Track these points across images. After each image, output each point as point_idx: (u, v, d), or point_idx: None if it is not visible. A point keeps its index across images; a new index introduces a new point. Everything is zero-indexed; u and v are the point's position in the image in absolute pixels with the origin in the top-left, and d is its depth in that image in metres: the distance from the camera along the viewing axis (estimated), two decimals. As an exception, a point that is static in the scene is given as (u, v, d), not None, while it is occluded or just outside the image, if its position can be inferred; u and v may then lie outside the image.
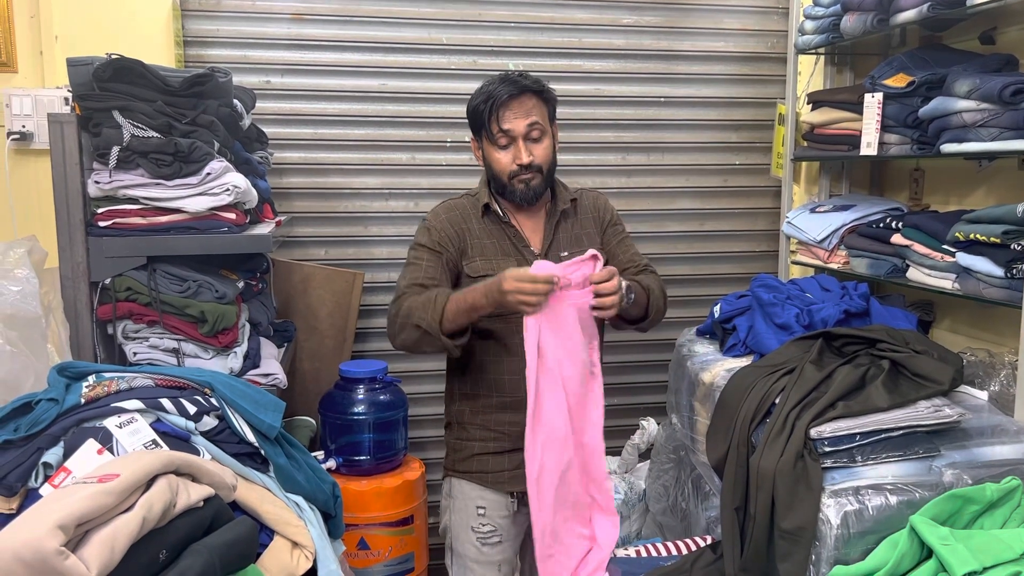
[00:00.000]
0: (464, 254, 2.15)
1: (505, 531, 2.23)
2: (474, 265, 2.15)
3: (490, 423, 2.20)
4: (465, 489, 2.24)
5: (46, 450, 1.49)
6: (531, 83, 2.11)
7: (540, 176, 2.13)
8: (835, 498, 1.87)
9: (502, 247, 2.17)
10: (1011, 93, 2.16)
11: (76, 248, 2.16)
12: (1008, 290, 2.16)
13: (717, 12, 3.43)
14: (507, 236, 2.18)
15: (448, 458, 2.31)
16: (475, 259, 2.15)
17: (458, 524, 2.25)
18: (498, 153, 2.13)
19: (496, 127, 2.10)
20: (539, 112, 2.11)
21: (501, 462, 2.21)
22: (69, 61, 2.14)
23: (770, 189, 3.53)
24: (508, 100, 2.07)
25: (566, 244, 2.21)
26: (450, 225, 2.16)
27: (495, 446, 2.20)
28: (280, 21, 3.14)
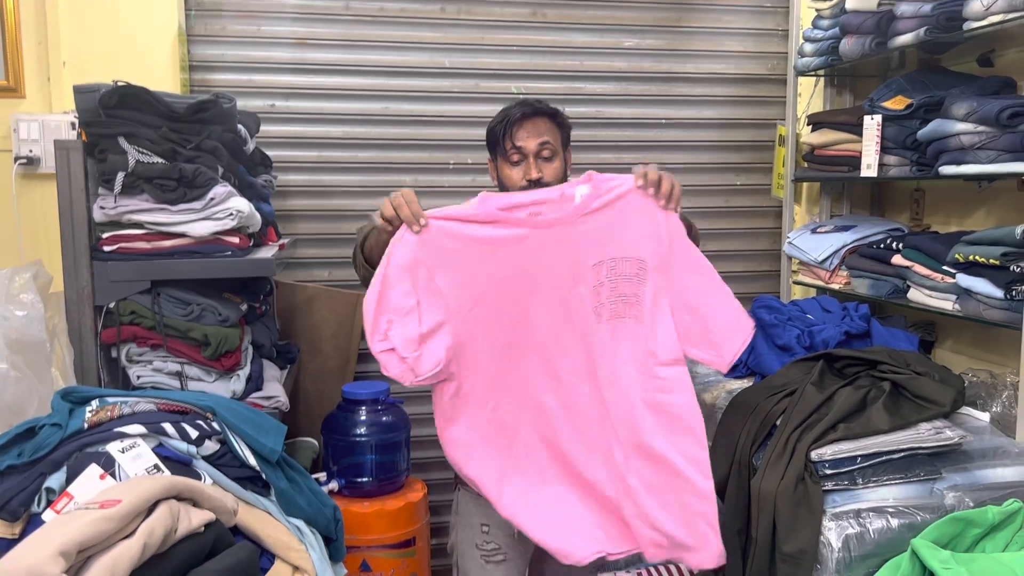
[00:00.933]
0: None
1: (510, 550, 2.22)
2: None
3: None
4: (471, 507, 2.24)
5: (49, 475, 1.50)
6: (545, 107, 2.22)
7: None
8: (836, 521, 1.87)
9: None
10: (1008, 116, 2.17)
11: (81, 272, 2.18)
12: (1008, 312, 2.17)
13: (717, 35, 3.46)
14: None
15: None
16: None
17: (464, 541, 2.26)
18: (510, 170, 2.21)
19: (509, 144, 2.18)
20: (552, 134, 2.20)
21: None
22: (76, 88, 2.17)
23: (771, 209, 3.55)
24: (522, 119, 2.17)
25: None
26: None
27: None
28: (284, 46, 3.17)
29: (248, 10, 3.13)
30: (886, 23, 2.62)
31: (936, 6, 2.39)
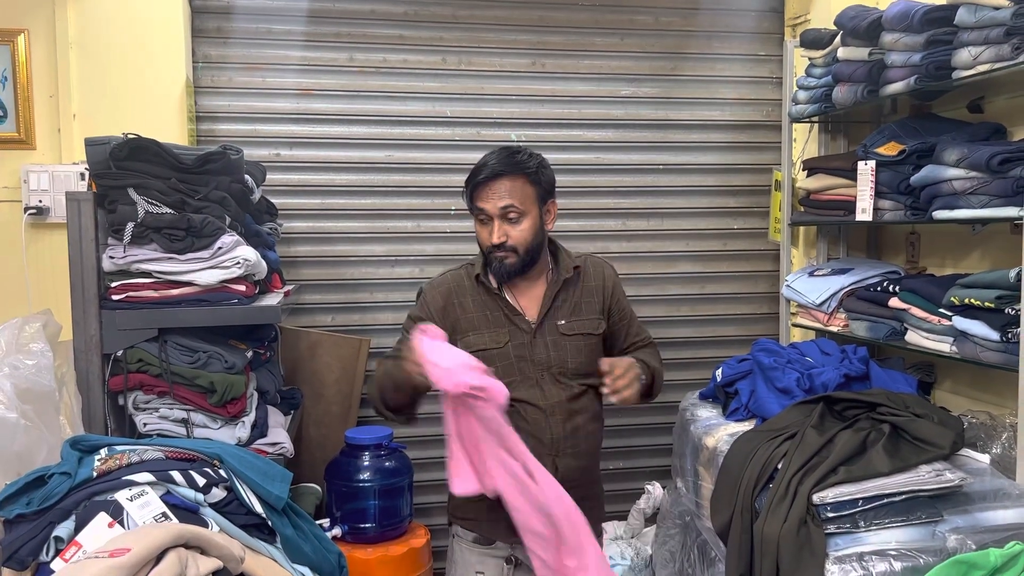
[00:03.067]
0: (456, 329, 2.13)
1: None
2: (467, 340, 2.13)
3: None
4: (465, 554, 2.22)
5: (58, 524, 1.52)
6: (512, 166, 2.11)
7: (515, 256, 2.12)
8: (839, 564, 1.87)
9: (494, 318, 2.16)
10: (999, 162, 2.22)
11: (90, 321, 2.22)
12: (1005, 354, 2.19)
13: (712, 82, 3.54)
14: (499, 306, 2.16)
15: (451, 502, 2.25)
16: (468, 334, 2.14)
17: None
18: (479, 227, 2.15)
19: (472, 207, 2.14)
20: (519, 194, 2.10)
21: (497, 512, 2.06)
22: (87, 141, 2.23)
23: (769, 252, 3.59)
24: (485, 181, 2.09)
25: (565, 313, 2.19)
26: (441, 299, 2.16)
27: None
28: (289, 96, 3.24)
29: (253, 62, 3.21)
30: (877, 72, 2.68)
31: (925, 56, 2.45)
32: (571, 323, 2.16)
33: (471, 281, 2.18)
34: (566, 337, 2.17)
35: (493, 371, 2.02)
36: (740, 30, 3.55)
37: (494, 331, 2.14)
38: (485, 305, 2.16)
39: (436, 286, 2.20)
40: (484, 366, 1.93)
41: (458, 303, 2.16)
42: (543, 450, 2.10)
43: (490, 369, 1.95)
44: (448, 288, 2.18)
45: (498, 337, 2.12)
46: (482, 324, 2.15)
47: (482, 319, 2.15)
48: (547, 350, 2.15)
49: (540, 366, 2.14)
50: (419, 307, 2.19)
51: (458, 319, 2.14)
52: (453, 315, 2.14)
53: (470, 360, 1.91)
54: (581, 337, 2.18)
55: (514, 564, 2.18)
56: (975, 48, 2.27)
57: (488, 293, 2.17)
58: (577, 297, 2.22)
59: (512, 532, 2.07)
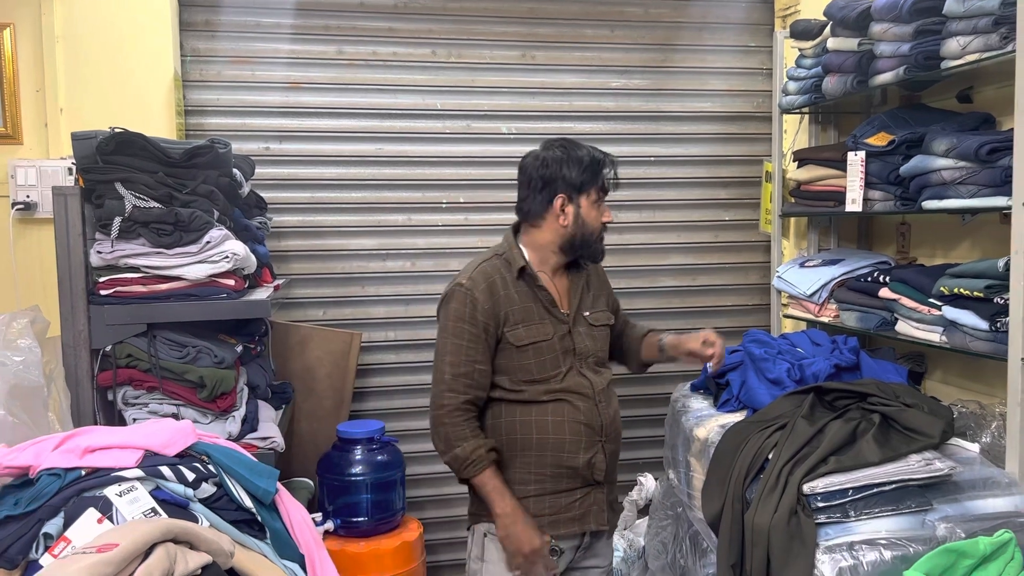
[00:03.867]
0: (506, 322, 2.16)
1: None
2: (517, 333, 2.16)
3: (531, 466, 2.19)
4: (501, 551, 2.17)
5: (47, 521, 1.51)
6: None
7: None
8: (829, 554, 1.88)
9: (537, 311, 2.19)
10: (987, 152, 2.22)
11: (78, 317, 2.21)
12: (994, 343, 2.20)
13: (703, 74, 3.53)
14: (540, 299, 2.20)
15: (481, 503, 2.22)
16: (517, 327, 2.16)
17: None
18: (593, 209, 2.20)
19: (611, 186, 2.24)
20: None
21: (541, 505, 2.19)
22: (74, 135, 2.22)
23: (760, 244, 3.59)
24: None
25: (588, 304, 2.29)
26: (490, 296, 2.15)
27: (535, 488, 2.19)
28: (278, 90, 3.23)
29: (242, 56, 3.19)
30: (867, 62, 2.68)
31: (914, 46, 2.45)
32: (595, 314, 2.29)
33: (510, 274, 2.19)
34: (594, 328, 2.28)
35: (544, 362, 2.17)
36: (730, 21, 3.55)
37: (540, 323, 2.19)
38: (527, 297, 2.20)
39: (479, 282, 2.16)
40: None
41: (504, 296, 2.17)
42: (595, 438, 2.20)
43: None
44: (491, 282, 2.17)
45: (545, 329, 2.18)
46: (528, 317, 2.18)
47: (527, 311, 2.18)
48: (584, 340, 2.24)
49: (580, 356, 2.22)
50: (467, 305, 2.14)
51: (507, 312, 2.16)
52: (502, 309, 2.16)
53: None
54: (604, 327, 2.32)
55: (558, 554, 2.22)
56: (964, 38, 2.27)
57: (529, 286, 2.20)
58: (594, 290, 2.34)
59: (556, 525, 2.19)
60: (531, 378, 2.16)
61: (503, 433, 2.19)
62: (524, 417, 2.17)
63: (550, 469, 2.19)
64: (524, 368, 2.17)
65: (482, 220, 3.40)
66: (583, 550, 2.29)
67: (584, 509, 2.22)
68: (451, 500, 3.39)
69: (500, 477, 2.13)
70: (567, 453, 2.18)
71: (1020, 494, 2.03)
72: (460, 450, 2.11)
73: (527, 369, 2.17)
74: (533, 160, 2.21)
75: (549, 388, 2.17)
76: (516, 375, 2.17)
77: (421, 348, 3.38)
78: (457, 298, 2.15)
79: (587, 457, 2.19)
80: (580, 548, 2.28)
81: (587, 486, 2.22)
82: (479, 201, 3.39)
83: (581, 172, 2.17)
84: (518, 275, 2.19)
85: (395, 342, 3.38)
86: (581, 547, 2.28)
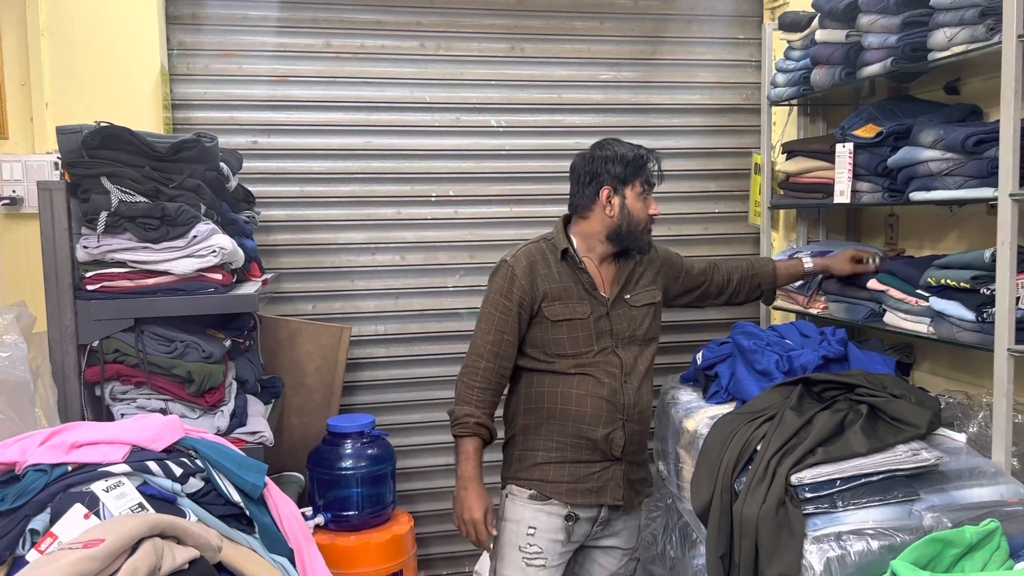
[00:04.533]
0: (544, 298, 2.32)
1: (550, 556, 2.31)
2: (554, 309, 2.32)
3: (554, 434, 2.34)
4: (519, 510, 2.34)
5: (33, 517, 1.50)
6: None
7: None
8: (817, 544, 1.89)
9: (576, 292, 2.35)
10: (974, 143, 2.23)
11: (64, 312, 2.20)
12: (980, 334, 2.21)
13: (692, 66, 3.53)
14: (580, 281, 2.35)
15: (510, 468, 2.42)
16: (554, 303, 2.32)
17: (506, 545, 2.35)
18: (639, 202, 2.35)
19: (657, 180, 2.39)
20: None
21: (561, 472, 2.33)
22: (58, 129, 2.20)
23: (749, 236, 3.60)
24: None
25: (630, 288, 2.42)
26: (530, 272, 2.33)
27: (557, 456, 2.33)
28: (266, 83, 3.21)
29: (229, 49, 3.18)
30: (855, 54, 2.68)
31: (902, 37, 2.45)
32: (636, 296, 2.42)
33: (554, 256, 2.36)
34: (635, 308, 2.40)
35: (577, 339, 2.31)
36: (719, 13, 3.54)
37: (577, 303, 2.34)
38: (568, 278, 2.35)
39: (520, 259, 2.35)
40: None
41: (543, 274, 2.34)
42: (616, 414, 2.33)
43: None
44: (532, 260, 2.35)
45: (582, 308, 2.33)
46: (566, 295, 2.34)
47: (566, 291, 2.34)
48: (621, 321, 2.37)
49: (616, 336, 2.35)
50: (507, 280, 2.32)
51: (546, 289, 2.33)
52: (541, 286, 2.33)
53: None
54: (647, 307, 2.43)
55: (575, 520, 2.34)
56: (951, 29, 2.28)
57: (571, 268, 2.36)
58: (638, 274, 2.46)
59: (573, 494, 2.32)
60: (563, 352, 2.31)
61: (533, 401, 2.35)
62: (552, 388, 2.33)
63: (571, 439, 2.33)
64: (557, 342, 2.32)
65: (472, 213, 3.39)
66: (600, 524, 2.39)
67: (601, 483, 2.34)
68: (442, 494, 3.40)
69: (477, 449, 2.30)
70: (587, 425, 2.31)
71: (1006, 483, 2.05)
72: (458, 409, 2.31)
73: (560, 343, 2.32)
74: (580, 158, 2.41)
75: (579, 363, 2.31)
76: (550, 348, 2.33)
77: (411, 342, 3.37)
78: (500, 273, 2.36)
79: (606, 432, 2.32)
80: (597, 522, 2.38)
81: (606, 460, 2.34)
82: (469, 194, 3.38)
83: (625, 166, 2.34)
84: (561, 257, 2.35)
85: (385, 336, 3.37)
86: (598, 521, 2.38)
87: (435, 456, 3.41)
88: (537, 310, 2.32)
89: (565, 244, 2.36)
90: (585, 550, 2.43)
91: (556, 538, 2.31)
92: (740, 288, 2.71)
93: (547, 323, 2.32)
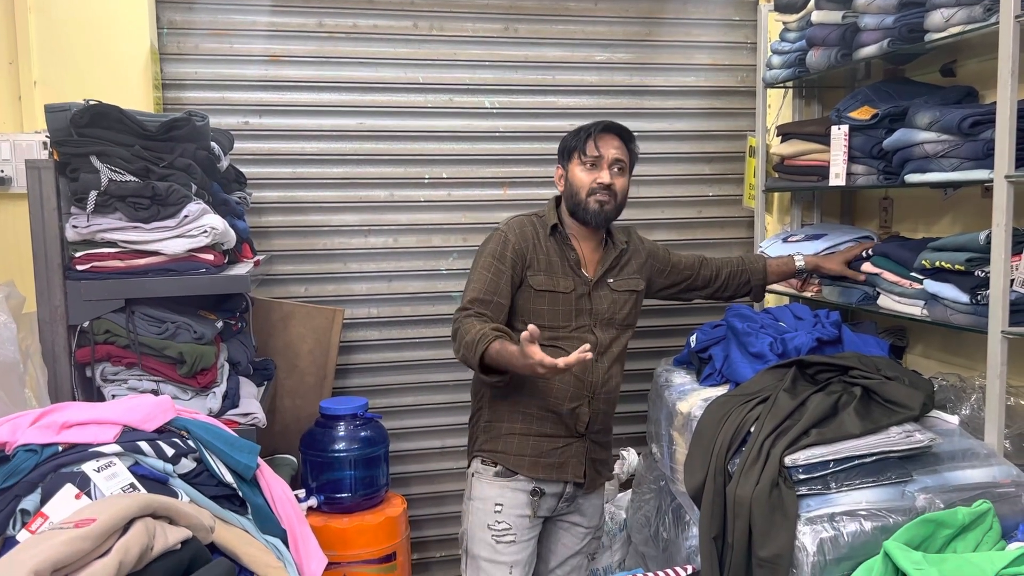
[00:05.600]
0: (530, 266, 2.38)
1: (519, 532, 2.35)
2: (538, 279, 2.38)
3: (520, 405, 2.38)
4: (484, 488, 2.39)
5: (24, 497, 1.50)
6: (627, 132, 2.48)
7: (613, 202, 2.41)
8: (811, 525, 1.89)
9: (562, 267, 2.41)
10: (969, 125, 2.22)
11: (54, 292, 2.18)
12: (974, 316, 2.21)
13: (687, 48, 3.51)
14: (567, 258, 2.42)
15: (475, 441, 2.46)
16: (539, 273, 2.38)
17: (475, 524, 2.39)
18: (581, 172, 2.41)
19: (592, 146, 2.39)
20: (626, 155, 2.45)
21: (524, 445, 2.38)
22: (47, 108, 2.17)
23: (744, 219, 3.59)
24: (605, 132, 2.43)
25: (615, 273, 2.49)
26: (523, 239, 2.39)
27: (522, 428, 2.39)
28: (257, 63, 3.18)
29: (220, 28, 3.14)
30: (851, 35, 2.67)
31: (898, 18, 2.44)
32: (619, 281, 2.49)
33: (544, 231, 2.43)
34: (616, 292, 2.47)
35: (557, 312, 2.37)
36: (715, -6, 3.52)
37: (562, 277, 2.40)
38: (555, 252, 2.42)
39: (515, 226, 2.42)
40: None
41: (534, 244, 2.40)
42: (583, 391, 2.40)
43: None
44: (526, 230, 2.41)
45: (565, 283, 2.39)
46: (551, 268, 2.40)
47: (553, 264, 2.41)
48: (602, 303, 2.43)
49: (595, 316, 2.42)
50: (501, 244, 2.37)
51: (533, 258, 2.39)
52: (530, 254, 2.39)
53: None
54: (628, 293, 2.50)
55: (540, 495, 2.39)
56: (947, 10, 2.26)
57: (560, 244, 2.43)
58: (624, 262, 2.53)
59: (536, 468, 2.36)
60: (541, 323, 2.28)
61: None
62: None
63: (537, 411, 2.38)
64: (537, 312, 2.37)
65: (465, 196, 3.37)
66: (565, 501, 2.45)
67: (564, 459, 2.41)
68: (436, 476, 3.40)
69: (505, 343, 2.13)
70: (554, 398, 2.37)
71: (998, 465, 2.05)
72: (467, 339, 2.19)
73: (539, 313, 2.37)
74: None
75: (555, 336, 2.35)
76: (528, 317, 2.34)
77: (404, 324, 3.36)
78: (494, 238, 2.41)
79: (572, 406, 2.39)
80: (563, 498, 2.44)
81: (570, 436, 2.41)
82: (462, 176, 3.36)
83: (567, 143, 2.47)
84: (550, 232, 2.42)
85: (378, 318, 3.36)
86: (563, 497, 2.44)
87: (428, 439, 3.40)
88: (523, 278, 2.37)
89: (555, 220, 2.43)
90: (549, 527, 2.49)
91: (523, 513, 2.37)
92: (728, 283, 2.75)
93: (530, 291, 2.37)
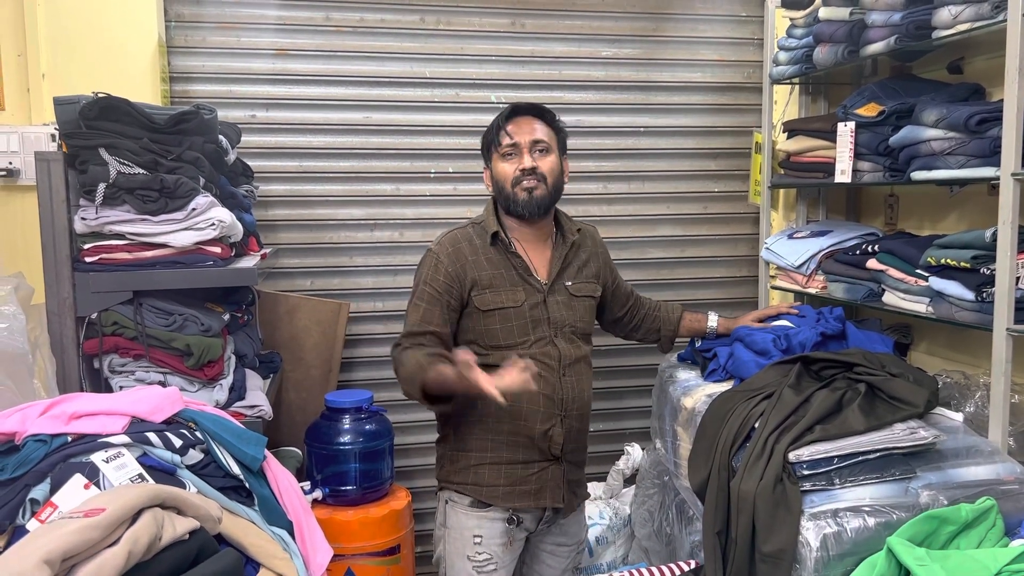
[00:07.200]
0: (473, 287, 2.20)
1: (500, 559, 2.25)
2: (484, 298, 2.20)
3: (488, 432, 2.22)
4: (461, 519, 2.25)
5: (33, 486, 1.51)
6: (542, 111, 2.29)
7: (544, 187, 2.22)
8: (814, 521, 1.90)
9: (509, 277, 2.23)
10: (976, 122, 2.22)
11: (63, 284, 2.19)
12: (979, 313, 2.21)
13: (694, 44, 3.51)
14: (513, 266, 2.23)
15: (443, 470, 2.32)
16: (484, 292, 2.20)
17: (453, 553, 2.27)
18: (502, 163, 2.24)
19: (505, 136, 2.22)
20: (546, 133, 2.26)
21: (497, 475, 2.22)
22: (56, 100, 2.18)
23: (749, 215, 3.59)
24: (513, 115, 2.25)
25: (571, 274, 2.31)
26: (456, 260, 2.20)
27: (492, 456, 2.23)
28: (265, 57, 3.18)
29: (228, 21, 3.14)
30: (858, 32, 2.67)
31: (906, 15, 2.43)
32: (577, 284, 2.29)
33: (483, 240, 2.24)
34: (575, 298, 2.29)
35: (511, 328, 2.15)
36: (722, -10, 3.52)
37: (510, 290, 2.22)
38: (499, 264, 2.23)
39: (446, 245, 2.23)
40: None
41: (472, 261, 2.21)
42: (553, 410, 2.21)
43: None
44: (459, 247, 2.23)
45: (515, 296, 2.21)
46: (498, 282, 2.21)
47: (498, 277, 2.22)
48: (560, 310, 2.26)
49: (554, 325, 2.24)
50: (432, 269, 2.20)
51: (475, 277, 2.20)
52: (470, 273, 2.20)
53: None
54: (587, 299, 2.33)
55: (516, 523, 2.24)
56: (955, 7, 2.26)
57: (502, 252, 2.24)
58: (580, 261, 2.34)
59: (511, 497, 2.21)
60: (497, 343, 2.19)
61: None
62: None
63: (507, 437, 2.22)
64: (490, 333, 2.20)
65: (470, 190, 3.38)
66: (546, 524, 2.32)
67: (540, 484, 2.25)
68: (439, 470, 3.41)
69: (443, 367, 2.04)
70: (523, 421, 2.20)
71: (1002, 462, 2.06)
72: (404, 371, 2.11)
73: (493, 334, 2.20)
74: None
75: (515, 354, 2.11)
76: (483, 340, 2.20)
77: (409, 318, 3.37)
78: (425, 262, 2.24)
79: (544, 428, 2.22)
80: (543, 522, 2.31)
81: (544, 460, 2.25)
82: (468, 171, 3.37)
83: (484, 138, 2.31)
84: (491, 241, 2.23)
85: (383, 312, 3.37)
86: (543, 521, 2.31)
87: (433, 433, 3.39)
88: (467, 300, 2.19)
89: (496, 227, 2.24)
90: (534, 550, 2.37)
91: (503, 542, 2.24)
92: (642, 324, 2.62)
93: (478, 313, 2.19)
